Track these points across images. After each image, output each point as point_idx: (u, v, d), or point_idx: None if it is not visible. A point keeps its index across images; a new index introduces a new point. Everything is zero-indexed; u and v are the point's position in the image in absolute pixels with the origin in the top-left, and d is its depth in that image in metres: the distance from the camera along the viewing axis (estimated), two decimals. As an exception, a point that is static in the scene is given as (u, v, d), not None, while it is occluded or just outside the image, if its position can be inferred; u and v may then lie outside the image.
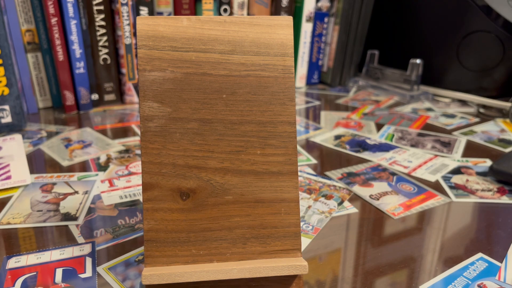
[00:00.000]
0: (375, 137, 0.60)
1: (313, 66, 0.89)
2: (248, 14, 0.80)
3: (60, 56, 0.64)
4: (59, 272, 0.31)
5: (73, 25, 0.64)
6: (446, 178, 0.48)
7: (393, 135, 0.61)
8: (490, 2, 0.72)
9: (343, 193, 0.44)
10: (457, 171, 0.50)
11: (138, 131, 0.61)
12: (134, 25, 0.69)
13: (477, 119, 0.70)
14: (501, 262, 0.34)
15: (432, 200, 0.43)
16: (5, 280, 0.31)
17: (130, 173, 0.48)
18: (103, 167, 0.49)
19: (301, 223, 0.38)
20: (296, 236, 0.28)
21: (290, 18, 0.29)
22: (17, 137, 0.55)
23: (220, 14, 0.78)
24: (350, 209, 0.41)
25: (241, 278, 0.26)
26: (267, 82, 0.28)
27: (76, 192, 0.43)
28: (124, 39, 0.69)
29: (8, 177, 0.45)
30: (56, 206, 0.41)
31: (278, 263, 0.26)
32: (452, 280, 0.31)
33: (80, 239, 0.36)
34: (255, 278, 0.26)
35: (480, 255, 0.35)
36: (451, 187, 0.46)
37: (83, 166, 0.49)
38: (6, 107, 0.57)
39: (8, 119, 0.58)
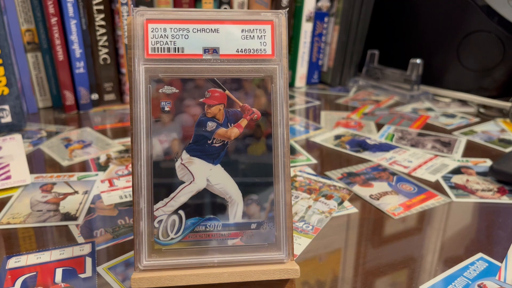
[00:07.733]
0: (375, 137, 0.60)
1: (313, 66, 0.88)
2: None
3: (60, 56, 0.64)
4: (59, 272, 0.31)
5: (73, 25, 0.64)
6: (446, 178, 0.48)
7: (393, 135, 0.61)
8: (490, 2, 0.72)
9: (343, 193, 0.44)
10: (457, 171, 0.50)
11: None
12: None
13: (477, 119, 0.70)
14: (501, 262, 0.34)
15: (432, 200, 0.43)
16: (5, 280, 0.31)
17: (130, 173, 0.48)
18: (103, 167, 0.49)
19: (301, 223, 0.38)
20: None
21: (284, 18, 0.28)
22: (17, 137, 0.55)
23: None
24: (350, 209, 0.41)
25: (232, 282, 0.25)
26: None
27: (76, 192, 0.43)
28: (124, 38, 0.69)
29: (8, 177, 0.45)
30: (56, 206, 0.41)
31: (269, 267, 0.26)
32: (452, 280, 0.31)
33: (80, 239, 0.36)
34: (246, 282, 0.26)
35: (480, 255, 0.35)
36: (451, 187, 0.46)
37: (83, 166, 0.49)
38: (6, 107, 0.57)
39: (8, 119, 0.58)
